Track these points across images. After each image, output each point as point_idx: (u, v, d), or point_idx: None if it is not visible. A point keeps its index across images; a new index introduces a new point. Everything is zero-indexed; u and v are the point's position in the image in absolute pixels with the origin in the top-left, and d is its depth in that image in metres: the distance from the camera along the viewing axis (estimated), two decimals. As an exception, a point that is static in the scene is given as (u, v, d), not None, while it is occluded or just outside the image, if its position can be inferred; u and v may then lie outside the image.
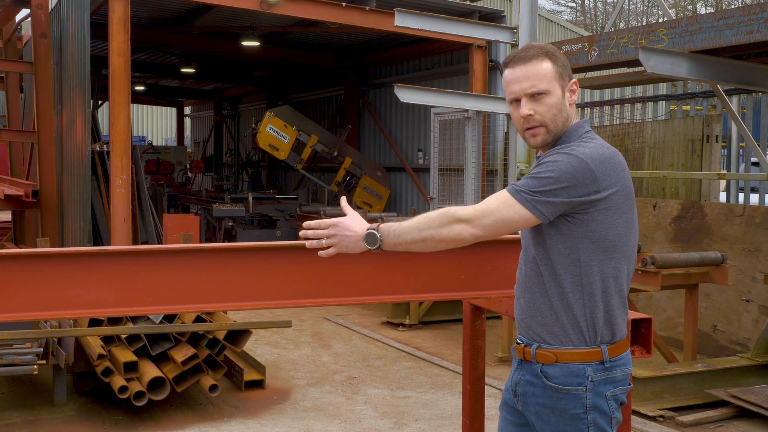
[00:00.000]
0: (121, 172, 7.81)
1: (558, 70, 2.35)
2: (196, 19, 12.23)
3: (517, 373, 2.45)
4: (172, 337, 5.65)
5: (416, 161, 13.46)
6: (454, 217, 2.26)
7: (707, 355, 7.06)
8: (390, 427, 5.36)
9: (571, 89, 2.39)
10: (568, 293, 2.30)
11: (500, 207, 2.25)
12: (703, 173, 8.28)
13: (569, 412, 2.29)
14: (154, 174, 18.94)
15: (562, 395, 2.29)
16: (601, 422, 2.31)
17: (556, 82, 2.34)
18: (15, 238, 11.67)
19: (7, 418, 5.33)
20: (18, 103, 12.29)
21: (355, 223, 2.39)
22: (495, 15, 10.85)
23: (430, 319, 8.71)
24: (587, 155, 2.24)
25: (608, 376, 2.31)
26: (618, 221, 2.29)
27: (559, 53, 2.40)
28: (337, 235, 2.38)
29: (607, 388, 2.31)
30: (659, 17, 29.81)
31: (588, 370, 2.28)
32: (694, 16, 5.69)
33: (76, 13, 8.49)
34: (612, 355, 2.32)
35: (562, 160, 2.24)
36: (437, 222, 2.28)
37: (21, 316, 2.68)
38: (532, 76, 2.33)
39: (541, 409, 2.35)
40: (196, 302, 2.87)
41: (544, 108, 2.33)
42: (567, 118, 2.37)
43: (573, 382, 2.29)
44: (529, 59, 2.35)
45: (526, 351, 2.38)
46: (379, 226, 2.36)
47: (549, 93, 2.33)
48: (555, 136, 2.36)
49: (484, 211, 2.26)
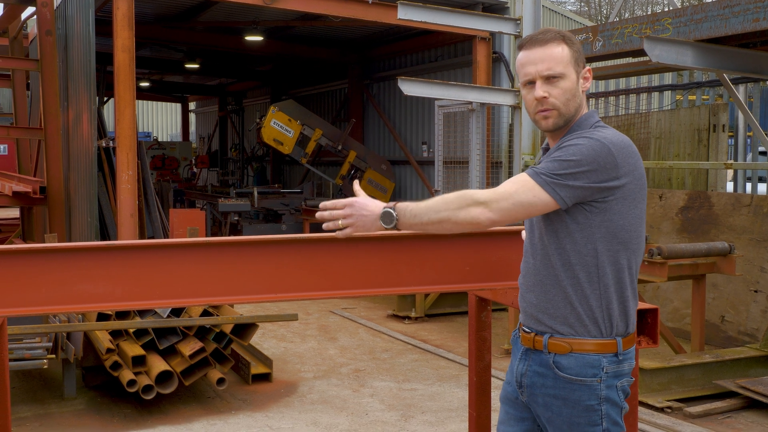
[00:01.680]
0: (127, 167, 7.83)
1: (574, 55, 2.33)
2: (200, 14, 12.24)
3: (521, 364, 2.41)
4: (179, 331, 5.68)
5: (421, 154, 13.45)
6: (472, 200, 2.21)
7: (715, 346, 7.05)
8: (396, 419, 5.37)
9: (584, 76, 2.38)
10: (583, 284, 2.27)
11: (519, 190, 2.21)
12: (709, 163, 8.25)
13: (583, 404, 2.26)
14: (159, 169, 18.97)
15: (576, 386, 2.26)
16: (613, 413, 2.29)
17: (571, 66, 2.32)
18: (23, 235, 11.72)
19: (18, 411, 5.36)
20: (25, 100, 12.33)
21: (371, 202, 2.33)
22: (498, 6, 10.82)
23: (436, 311, 8.72)
24: (609, 140, 2.23)
25: (620, 368, 2.30)
26: (633, 211, 2.27)
27: (575, 39, 2.38)
28: (353, 215, 2.32)
29: (618, 380, 2.30)
30: (664, 6, 29.69)
31: (603, 362, 2.26)
32: (699, 5, 5.67)
33: (81, 11, 8.51)
34: (625, 348, 2.31)
35: (584, 144, 2.22)
36: (454, 204, 2.22)
37: (30, 311, 2.71)
38: (548, 58, 2.31)
39: (551, 401, 2.31)
40: (202, 296, 2.88)
41: (559, 91, 2.31)
42: (579, 104, 2.35)
43: (588, 373, 2.26)
44: (546, 42, 2.32)
45: (537, 340, 2.34)
46: (396, 204, 2.31)
47: (564, 77, 2.31)
48: (566, 120, 2.34)
49: (502, 194, 2.21)
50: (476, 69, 10.49)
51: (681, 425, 5.13)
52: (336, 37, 13.98)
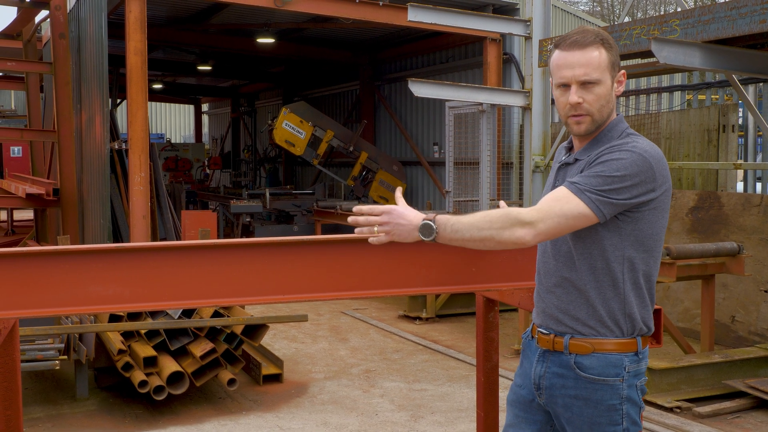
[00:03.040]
0: (140, 169, 7.90)
1: (611, 59, 2.29)
2: (212, 17, 12.31)
3: (539, 366, 2.39)
4: (190, 332, 5.73)
5: (432, 155, 13.47)
6: (517, 220, 2.18)
7: (725, 346, 7.04)
8: (406, 419, 5.40)
9: (619, 80, 2.33)
10: (607, 288, 2.27)
11: (564, 208, 2.18)
12: (719, 163, 8.23)
13: (606, 403, 2.26)
14: (172, 171, 19.07)
15: (599, 386, 2.26)
16: (633, 413, 2.30)
17: (608, 72, 2.28)
18: (37, 236, 11.83)
19: (30, 412, 5.43)
20: (38, 103, 12.46)
21: (410, 211, 2.30)
22: (508, 8, 10.84)
23: (447, 312, 8.74)
24: (648, 153, 2.21)
25: (639, 366, 2.30)
26: (661, 221, 2.29)
27: (613, 41, 2.32)
28: (391, 223, 2.29)
29: (638, 379, 2.31)
30: (676, 6, 29.52)
31: (625, 361, 2.27)
32: (706, 6, 5.67)
33: (93, 14, 8.59)
34: (644, 346, 2.32)
35: (627, 158, 2.19)
36: (498, 223, 2.19)
37: (42, 312, 2.75)
38: (586, 63, 2.26)
39: (572, 401, 2.30)
40: (212, 297, 2.92)
41: (593, 97, 2.28)
42: (612, 109, 2.32)
43: (611, 373, 2.26)
44: (585, 45, 2.27)
45: (557, 341, 2.33)
46: (436, 217, 2.27)
47: (600, 83, 2.27)
48: (598, 125, 2.31)
49: (547, 213, 2.18)
50: (487, 70, 10.51)
51: (690, 425, 5.13)
52: (347, 38, 14.03)
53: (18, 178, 11.77)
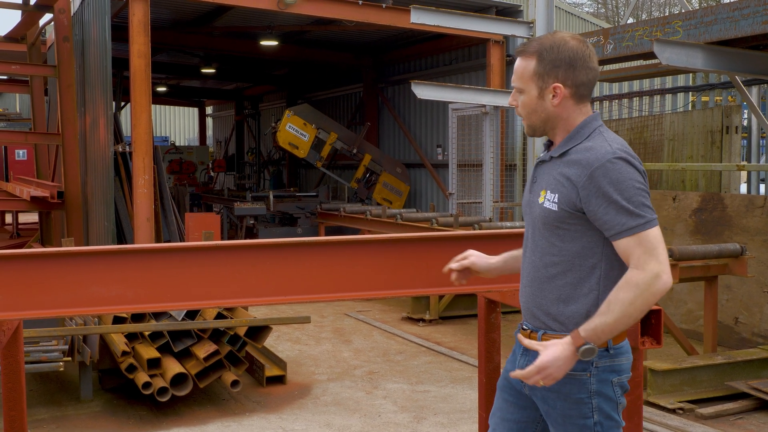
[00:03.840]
0: (144, 172, 7.93)
1: (539, 70, 2.36)
2: (215, 20, 12.35)
3: (523, 359, 2.48)
4: (194, 334, 5.74)
5: (435, 157, 13.49)
6: (646, 283, 2.21)
7: (729, 348, 7.03)
8: (409, 420, 5.41)
9: (552, 93, 2.37)
10: (578, 284, 2.33)
11: (652, 242, 2.22)
12: (722, 165, 8.23)
13: (574, 397, 2.34)
14: (176, 174, 19.10)
15: (567, 380, 2.32)
16: (606, 408, 2.34)
17: (533, 82, 2.38)
18: (42, 239, 11.87)
19: (35, 414, 5.45)
20: (43, 106, 12.50)
21: (555, 351, 2.28)
22: (512, 9, 10.85)
23: (450, 314, 8.75)
24: (616, 148, 2.27)
25: (614, 362, 2.35)
26: None
27: (556, 52, 2.36)
28: (551, 375, 2.28)
29: (613, 375, 2.35)
30: (680, 8, 29.48)
31: (594, 358, 2.31)
32: (709, 8, 5.68)
33: (97, 17, 8.63)
34: (615, 343, 2.35)
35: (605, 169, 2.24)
36: (640, 300, 2.21)
37: (46, 313, 2.77)
38: (516, 71, 2.42)
39: (548, 394, 2.39)
40: (216, 298, 2.94)
41: (521, 104, 2.44)
42: (548, 118, 2.40)
43: (578, 368, 2.31)
44: (521, 53, 2.42)
45: (533, 337, 2.42)
46: (586, 336, 2.26)
47: (524, 92, 2.41)
48: (536, 130, 2.44)
49: (653, 255, 2.22)
50: (490, 72, 10.52)
51: (692, 426, 5.13)
52: (350, 41, 14.06)
53: (23, 181, 11.81)
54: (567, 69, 2.35)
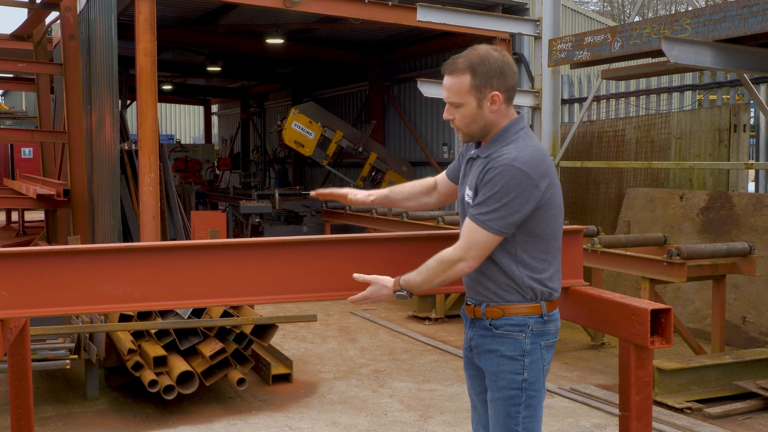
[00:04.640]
0: (149, 170, 7.92)
1: (475, 83, 2.64)
2: (221, 18, 12.34)
3: (470, 331, 2.85)
4: (200, 332, 5.74)
5: (441, 156, 13.46)
6: (450, 261, 2.65)
7: (736, 347, 7.00)
8: (415, 419, 5.40)
9: (491, 101, 2.66)
10: (508, 265, 2.68)
11: (474, 237, 2.61)
12: (730, 163, 8.19)
13: (509, 354, 2.71)
14: (182, 172, 19.12)
15: (505, 340, 2.71)
16: (535, 368, 2.71)
17: (471, 95, 2.66)
18: (48, 237, 11.90)
19: (41, 411, 5.46)
20: (49, 104, 12.52)
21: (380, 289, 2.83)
22: (518, 7, 10.81)
23: (456, 312, 8.72)
24: (519, 160, 2.56)
25: (545, 328, 2.73)
26: (550, 212, 2.65)
27: (487, 64, 2.64)
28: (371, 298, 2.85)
29: (544, 338, 2.73)
30: (687, 6, 29.39)
31: (530, 321, 2.70)
32: (717, 5, 5.64)
33: (103, 15, 8.63)
34: (549, 310, 2.73)
35: (505, 175, 2.55)
36: (440, 269, 2.68)
37: (53, 311, 2.77)
38: (449, 87, 2.69)
39: (488, 354, 2.75)
40: (222, 296, 2.93)
41: (459, 117, 2.71)
42: (485, 124, 2.70)
43: (515, 330, 2.70)
44: (452, 72, 2.69)
45: (476, 310, 2.77)
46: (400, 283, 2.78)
47: (462, 105, 2.69)
48: (473, 137, 2.74)
49: (468, 245, 2.63)
50: (496, 70, 10.46)
51: (700, 426, 5.11)
52: (356, 39, 14.04)
53: (29, 179, 11.84)
54: (499, 77, 2.66)
